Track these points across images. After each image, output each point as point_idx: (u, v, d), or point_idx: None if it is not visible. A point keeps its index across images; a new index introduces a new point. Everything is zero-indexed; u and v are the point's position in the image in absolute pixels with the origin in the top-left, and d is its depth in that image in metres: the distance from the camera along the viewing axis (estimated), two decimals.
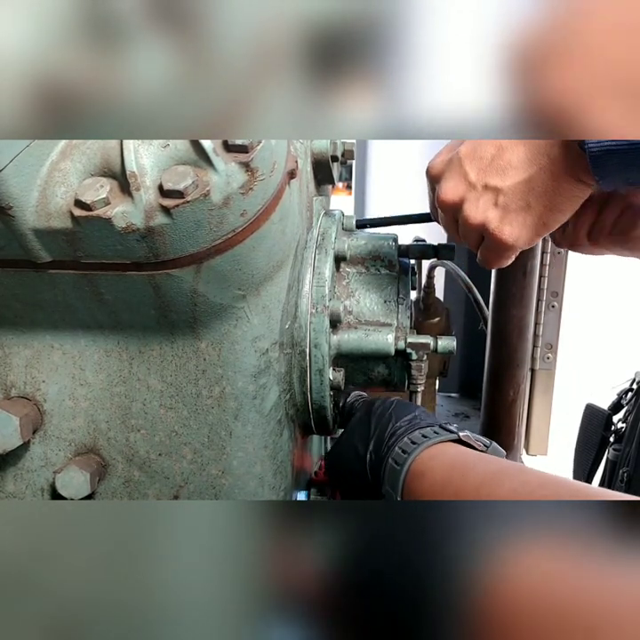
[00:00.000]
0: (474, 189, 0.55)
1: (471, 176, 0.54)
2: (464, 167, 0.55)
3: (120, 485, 0.61)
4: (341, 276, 0.71)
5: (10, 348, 0.58)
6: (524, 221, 0.54)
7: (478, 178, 0.54)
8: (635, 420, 0.89)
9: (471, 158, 0.54)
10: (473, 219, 0.55)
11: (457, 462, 0.52)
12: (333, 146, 0.69)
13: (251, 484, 0.62)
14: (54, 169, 0.46)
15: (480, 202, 0.55)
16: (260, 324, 0.58)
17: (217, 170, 0.44)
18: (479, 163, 0.54)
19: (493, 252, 0.57)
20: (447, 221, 0.60)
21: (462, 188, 0.55)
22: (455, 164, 0.56)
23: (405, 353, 0.67)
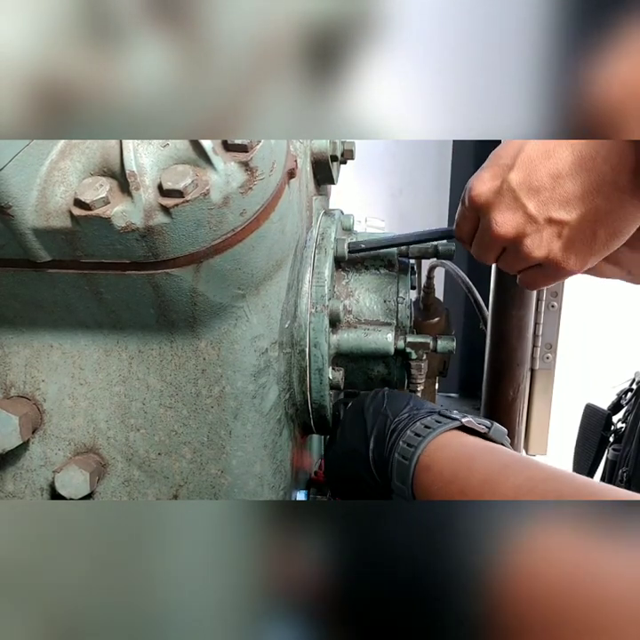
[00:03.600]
0: (535, 223, 0.52)
1: (531, 209, 0.51)
2: (521, 199, 0.52)
3: (119, 485, 0.61)
4: (341, 275, 0.71)
5: (9, 347, 0.58)
6: (590, 249, 0.52)
7: (539, 211, 0.51)
8: (634, 419, 0.89)
9: (527, 189, 0.51)
10: (536, 252, 0.53)
11: (462, 456, 0.52)
12: (333, 145, 0.69)
13: (250, 483, 0.62)
14: (54, 168, 0.46)
15: (543, 235, 0.52)
16: (259, 324, 0.58)
17: (216, 169, 0.44)
18: (538, 194, 0.51)
19: (551, 279, 0.56)
20: (487, 249, 0.57)
21: (520, 221, 0.52)
22: (508, 195, 0.52)
23: (405, 352, 0.67)
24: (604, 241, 0.52)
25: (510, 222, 0.53)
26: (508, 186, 0.52)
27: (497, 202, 0.53)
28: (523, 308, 1.28)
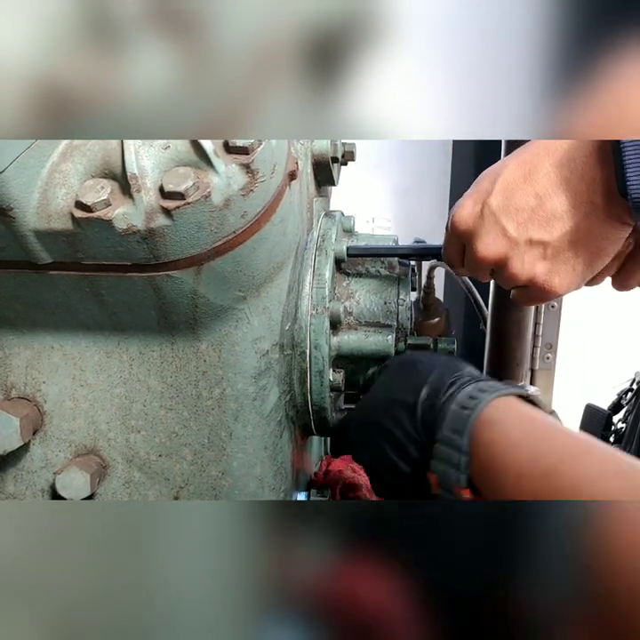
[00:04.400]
0: (516, 245, 0.52)
1: (511, 231, 0.52)
2: (501, 222, 0.52)
3: (120, 486, 0.61)
4: (341, 277, 0.70)
5: (10, 348, 0.58)
6: (573, 270, 0.52)
7: (520, 232, 0.51)
8: (635, 419, 0.90)
9: (507, 211, 0.51)
10: (520, 275, 0.53)
11: (537, 420, 0.48)
12: (334, 147, 0.69)
13: (251, 485, 0.62)
14: (55, 170, 0.46)
15: (526, 258, 0.52)
16: (260, 326, 0.58)
17: (217, 171, 0.44)
18: (517, 216, 0.51)
19: (538, 299, 0.56)
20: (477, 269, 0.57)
21: (502, 244, 0.52)
22: (489, 220, 0.53)
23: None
24: (588, 261, 0.52)
25: (492, 246, 0.53)
26: (488, 210, 0.53)
27: (479, 227, 0.54)
28: (522, 308, 1.28)
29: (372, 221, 2.01)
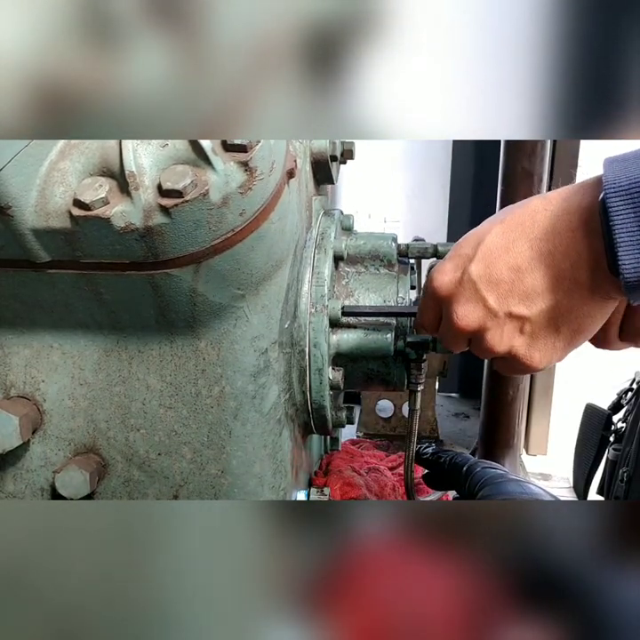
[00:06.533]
0: (496, 317, 0.50)
1: (491, 302, 0.50)
2: (481, 292, 0.50)
3: (120, 485, 0.61)
4: (341, 275, 0.71)
5: (9, 347, 0.58)
6: (554, 346, 0.51)
7: (500, 305, 0.50)
8: (635, 419, 0.89)
9: (487, 281, 0.50)
10: (497, 347, 0.52)
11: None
12: (332, 145, 0.69)
13: (250, 483, 0.62)
14: (53, 169, 0.46)
15: (504, 330, 0.51)
16: (259, 324, 0.58)
17: (216, 169, 0.44)
18: (498, 288, 0.50)
19: (519, 371, 0.55)
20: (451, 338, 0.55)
21: (481, 314, 0.51)
22: (469, 287, 0.51)
23: (405, 353, 0.67)
24: (569, 338, 0.50)
25: (471, 315, 0.51)
26: (468, 277, 0.51)
27: (458, 293, 0.52)
28: None
29: (383, 222, 2.27)
